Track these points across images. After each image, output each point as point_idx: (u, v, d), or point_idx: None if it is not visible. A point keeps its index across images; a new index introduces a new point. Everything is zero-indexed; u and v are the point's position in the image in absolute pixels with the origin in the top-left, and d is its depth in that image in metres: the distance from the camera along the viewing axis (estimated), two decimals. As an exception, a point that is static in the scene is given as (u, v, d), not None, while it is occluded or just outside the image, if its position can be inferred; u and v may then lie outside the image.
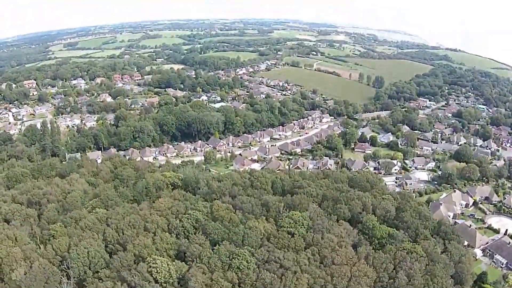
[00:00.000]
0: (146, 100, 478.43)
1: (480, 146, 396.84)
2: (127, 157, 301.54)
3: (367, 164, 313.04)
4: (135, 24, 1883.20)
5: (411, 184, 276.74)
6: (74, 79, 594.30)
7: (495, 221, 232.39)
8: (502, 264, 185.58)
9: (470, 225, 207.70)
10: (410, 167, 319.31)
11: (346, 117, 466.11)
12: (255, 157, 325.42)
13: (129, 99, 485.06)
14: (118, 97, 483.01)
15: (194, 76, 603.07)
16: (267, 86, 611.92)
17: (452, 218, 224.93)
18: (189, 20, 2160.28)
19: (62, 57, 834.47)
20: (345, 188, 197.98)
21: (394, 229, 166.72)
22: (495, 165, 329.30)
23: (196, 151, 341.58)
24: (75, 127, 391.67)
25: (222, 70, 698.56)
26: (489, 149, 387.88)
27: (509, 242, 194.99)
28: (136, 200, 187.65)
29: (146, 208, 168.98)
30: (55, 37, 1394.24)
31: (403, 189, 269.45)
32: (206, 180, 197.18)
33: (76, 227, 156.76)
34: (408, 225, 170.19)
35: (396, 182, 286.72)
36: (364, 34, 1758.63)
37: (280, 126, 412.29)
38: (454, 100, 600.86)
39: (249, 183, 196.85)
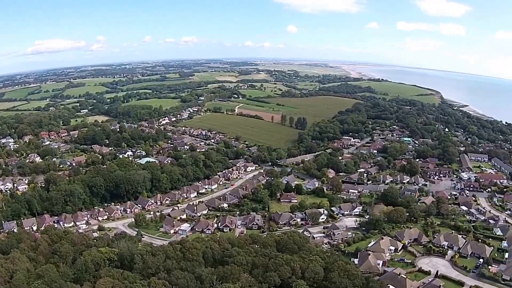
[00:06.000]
0: (73, 159, 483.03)
1: (408, 182, 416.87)
2: (61, 223, 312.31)
3: (294, 215, 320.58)
4: (59, 71, 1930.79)
5: (339, 233, 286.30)
6: (3, 138, 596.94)
7: (425, 262, 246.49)
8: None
9: (400, 273, 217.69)
10: (337, 214, 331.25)
11: (270, 164, 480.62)
12: (184, 216, 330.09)
13: (57, 158, 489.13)
14: (46, 157, 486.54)
15: (118, 130, 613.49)
16: (190, 136, 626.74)
17: (382, 266, 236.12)
18: (111, 65, 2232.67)
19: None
20: (274, 253, 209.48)
21: None
22: (424, 202, 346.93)
23: (126, 213, 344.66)
24: (8, 191, 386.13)
25: (145, 121, 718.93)
26: (417, 184, 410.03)
27: (440, 286, 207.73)
28: (77, 279, 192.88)
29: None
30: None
31: (331, 239, 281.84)
32: (141, 254, 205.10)
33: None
34: (337, 286, 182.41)
35: (324, 233, 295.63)
36: (285, 71, 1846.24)
37: (206, 179, 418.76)
38: (379, 135, 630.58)
39: (181, 255, 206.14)
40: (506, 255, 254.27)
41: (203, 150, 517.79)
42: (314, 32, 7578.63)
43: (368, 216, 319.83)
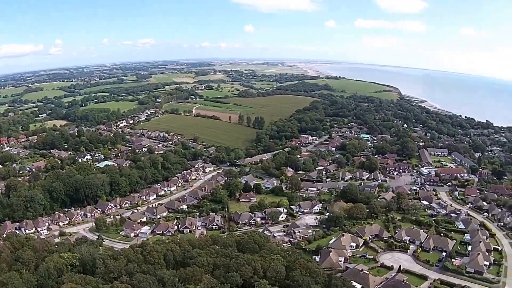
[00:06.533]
0: (33, 164, 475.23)
1: (367, 178, 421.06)
2: (22, 229, 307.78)
3: (253, 215, 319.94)
4: (18, 75, 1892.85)
5: (299, 232, 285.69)
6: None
7: (388, 258, 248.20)
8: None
9: (362, 269, 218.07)
10: (297, 213, 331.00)
11: (228, 164, 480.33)
12: (144, 219, 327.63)
13: (16, 164, 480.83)
14: (6, 163, 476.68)
15: (77, 134, 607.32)
16: (148, 138, 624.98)
17: (344, 263, 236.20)
18: (69, 68, 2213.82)
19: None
20: (235, 253, 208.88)
21: None
22: (384, 198, 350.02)
23: (86, 217, 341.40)
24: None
25: (103, 124, 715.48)
26: (376, 180, 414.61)
27: (403, 280, 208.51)
28: (41, 285, 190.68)
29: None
30: None
31: (292, 238, 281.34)
32: (102, 259, 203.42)
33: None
34: (300, 283, 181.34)
35: (284, 231, 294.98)
36: (242, 71, 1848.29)
37: (165, 181, 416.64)
38: (337, 133, 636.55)
39: (143, 258, 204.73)
40: (469, 248, 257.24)
41: (161, 152, 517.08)
42: (271, 32, 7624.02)
43: (328, 213, 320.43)
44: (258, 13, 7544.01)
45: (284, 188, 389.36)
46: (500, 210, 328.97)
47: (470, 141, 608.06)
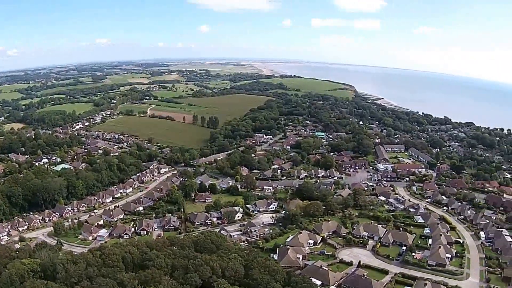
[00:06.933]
0: None
1: (323, 176, 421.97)
2: None
3: (209, 215, 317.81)
4: None
5: (256, 230, 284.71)
6: None
7: (347, 253, 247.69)
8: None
9: (321, 265, 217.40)
10: (253, 212, 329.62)
11: (183, 164, 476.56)
12: (101, 222, 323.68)
13: None
14: None
15: (34, 137, 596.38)
16: (103, 140, 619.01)
17: (302, 260, 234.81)
18: (26, 70, 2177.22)
19: None
20: (192, 254, 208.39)
21: None
22: (340, 195, 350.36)
23: (45, 221, 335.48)
24: None
25: (59, 127, 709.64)
26: (332, 178, 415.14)
27: (363, 275, 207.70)
28: None
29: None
30: None
31: (249, 236, 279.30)
32: (62, 264, 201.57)
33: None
34: (259, 282, 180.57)
35: (241, 231, 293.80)
36: (197, 71, 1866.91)
37: (121, 183, 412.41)
38: (292, 131, 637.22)
39: (102, 261, 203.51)
40: (430, 241, 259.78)
41: (117, 154, 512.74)
42: (227, 31, 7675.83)
43: (284, 211, 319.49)
44: (215, 13, 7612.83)
45: (239, 187, 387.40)
46: (460, 203, 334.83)
47: (428, 137, 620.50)
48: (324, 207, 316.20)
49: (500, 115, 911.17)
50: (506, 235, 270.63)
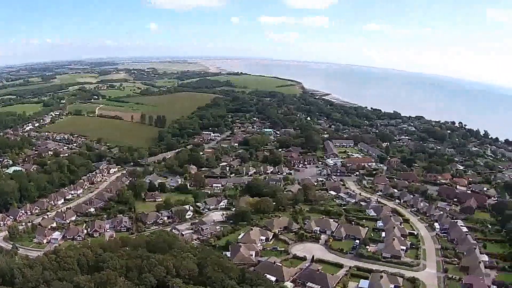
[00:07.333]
0: None
1: (272, 172, 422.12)
2: None
3: (160, 214, 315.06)
4: None
5: (207, 228, 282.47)
6: None
7: (299, 249, 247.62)
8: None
9: (274, 261, 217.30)
10: (203, 210, 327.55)
11: (132, 164, 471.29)
12: (54, 225, 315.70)
13: None
14: None
15: None
16: (54, 141, 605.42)
17: (255, 257, 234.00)
18: None
19: None
20: (146, 254, 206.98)
21: (201, 287, 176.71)
22: (290, 190, 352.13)
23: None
24: None
25: (10, 128, 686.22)
26: (281, 174, 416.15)
27: (318, 269, 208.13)
28: None
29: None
30: None
31: (201, 235, 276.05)
32: (19, 268, 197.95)
33: None
34: (213, 280, 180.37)
35: (192, 229, 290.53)
36: (144, 69, 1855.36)
37: (71, 185, 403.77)
38: (239, 128, 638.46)
39: (57, 265, 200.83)
40: (383, 234, 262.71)
41: (67, 154, 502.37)
42: (175, 29, 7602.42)
43: (234, 208, 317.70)
44: (163, 10, 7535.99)
45: (188, 185, 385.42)
46: (412, 196, 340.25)
47: (377, 131, 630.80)
48: (275, 203, 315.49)
49: (449, 108, 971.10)
50: (462, 226, 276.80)
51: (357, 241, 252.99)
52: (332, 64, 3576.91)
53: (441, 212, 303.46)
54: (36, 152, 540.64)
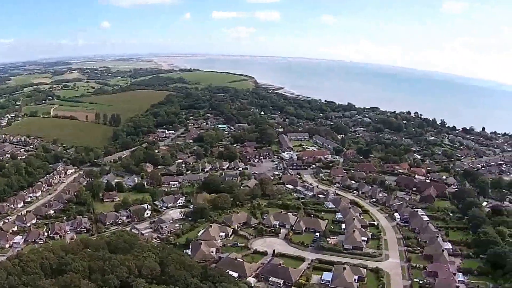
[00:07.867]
0: None
1: (227, 168, 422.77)
2: None
3: (119, 214, 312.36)
4: None
5: (166, 227, 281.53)
6: None
7: (260, 243, 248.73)
8: (280, 285, 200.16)
9: (236, 257, 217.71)
10: (161, 208, 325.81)
11: (89, 164, 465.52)
12: (15, 228, 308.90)
13: None
14: None
15: None
16: (10, 143, 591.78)
17: (216, 253, 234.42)
18: None
19: None
20: (107, 255, 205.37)
21: (164, 286, 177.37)
22: (247, 185, 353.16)
23: None
24: None
25: None
26: (237, 169, 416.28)
27: (280, 264, 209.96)
28: None
29: None
30: None
31: (160, 233, 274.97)
32: None
33: None
34: (176, 278, 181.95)
35: (152, 228, 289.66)
36: (97, 68, 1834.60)
37: (30, 187, 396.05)
38: (193, 125, 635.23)
39: (21, 269, 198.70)
40: (343, 226, 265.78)
41: (24, 157, 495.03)
42: (128, 27, 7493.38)
43: (192, 205, 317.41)
44: (115, 8, 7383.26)
45: (145, 184, 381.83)
46: (370, 187, 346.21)
47: (332, 123, 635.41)
48: (232, 199, 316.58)
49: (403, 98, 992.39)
50: (422, 215, 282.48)
51: (317, 234, 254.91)
52: (285, 57, 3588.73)
53: (401, 202, 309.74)
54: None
